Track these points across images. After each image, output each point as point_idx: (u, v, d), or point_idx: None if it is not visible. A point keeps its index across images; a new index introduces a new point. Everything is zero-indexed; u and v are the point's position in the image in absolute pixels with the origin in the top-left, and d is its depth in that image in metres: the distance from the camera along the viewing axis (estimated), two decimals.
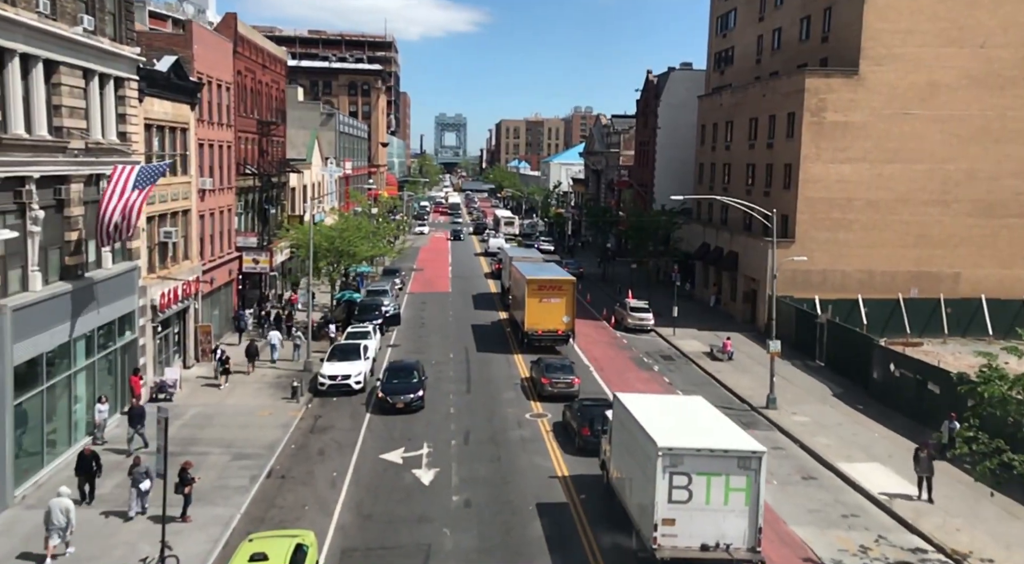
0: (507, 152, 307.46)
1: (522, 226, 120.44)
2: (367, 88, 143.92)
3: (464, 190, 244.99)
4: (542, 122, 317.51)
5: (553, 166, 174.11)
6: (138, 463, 21.22)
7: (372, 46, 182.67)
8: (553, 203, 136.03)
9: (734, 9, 68.47)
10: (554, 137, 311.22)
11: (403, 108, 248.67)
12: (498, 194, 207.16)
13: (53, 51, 22.86)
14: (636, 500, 18.55)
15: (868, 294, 47.34)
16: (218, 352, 34.71)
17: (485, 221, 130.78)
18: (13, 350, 20.73)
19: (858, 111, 46.64)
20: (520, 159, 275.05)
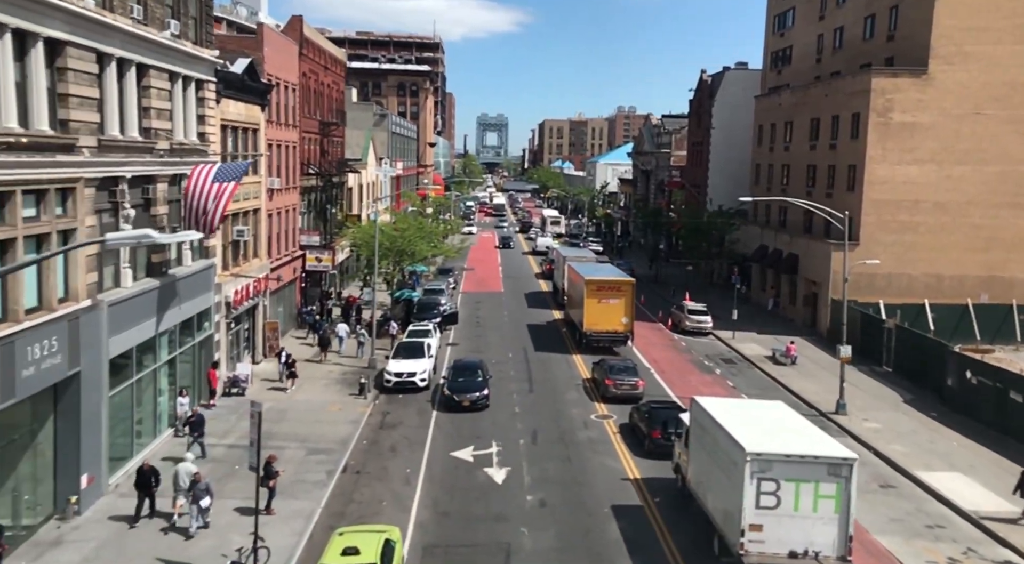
0: (550, 152, 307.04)
1: (568, 226, 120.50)
2: (415, 89, 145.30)
3: (506, 190, 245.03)
4: (585, 122, 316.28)
5: (599, 166, 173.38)
6: (199, 480, 20.28)
7: (419, 47, 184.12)
8: (599, 203, 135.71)
9: (792, 8, 67.46)
10: (597, 137, 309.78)
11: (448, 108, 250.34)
12: (542, 194, 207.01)
13: (144, 55, 23.57)
14: (720, 505, 18.46)
15: (935, 299, 46.28)
16: (283, 355, 34.37)
17: (531, 220, 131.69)
18: (109, 344, 21.42)
19: (927, 111, 45.59)
20: (563, 159, 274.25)
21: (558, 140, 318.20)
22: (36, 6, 17.77)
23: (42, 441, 19.91)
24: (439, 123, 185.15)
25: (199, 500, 20.14)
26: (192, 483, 20.29)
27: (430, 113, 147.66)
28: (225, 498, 22.35)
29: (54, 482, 20.34)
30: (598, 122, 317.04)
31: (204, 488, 20.30)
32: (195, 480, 20.31)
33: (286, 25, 45.20)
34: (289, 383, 33.45)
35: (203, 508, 20.24)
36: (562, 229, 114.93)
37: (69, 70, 19.42)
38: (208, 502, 20.30)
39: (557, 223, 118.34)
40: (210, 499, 20.34)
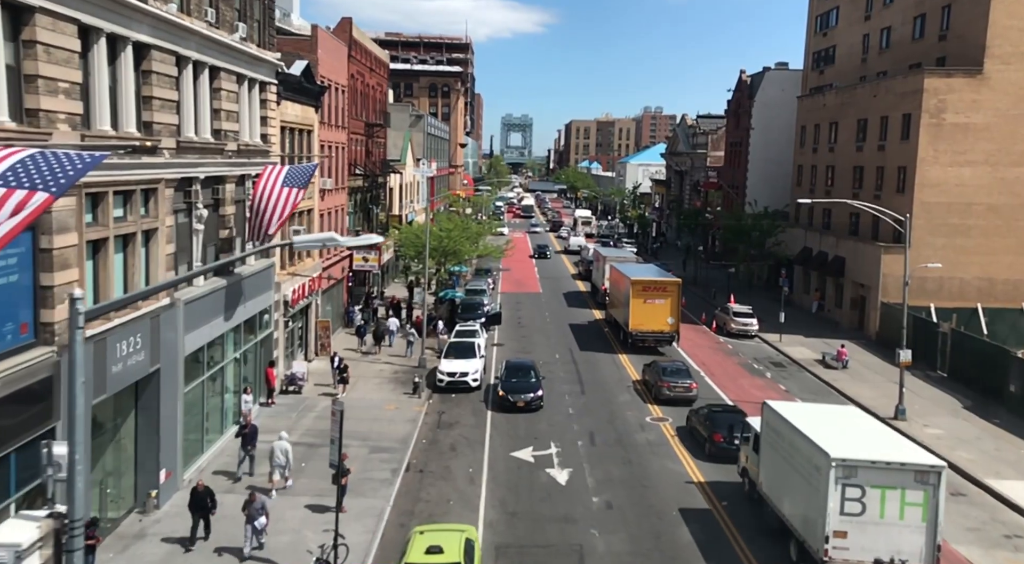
0: (576, 152, 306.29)
1: (599, 227, 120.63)
2: (447, 90, 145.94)
3: (532, 190, 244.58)
4: (613, 122, 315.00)
5: (630, 167, 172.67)
6: (253, 499, 19.19)
7: (449, 48, 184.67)
8: (628, 204, 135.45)
9: (836, 8, 66.78)
10: (624, 137, 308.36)
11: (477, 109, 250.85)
12: (568, 195, 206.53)
13: (216, 58, 23.92)
14: (799, 511, 18.34)
15: (988, 303, 45.61)
16: (335, 359, 33.56)
17: (561, 220, 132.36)
18: (184, 341, 21.78)
19: (981, 112, 44.92)
20: (590, 160, 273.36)
21: (585, 140, 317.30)
22: (126, 11, 18.11)
23: (124, 436, 20.31)
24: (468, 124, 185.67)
25: (254, 519, 19.06)
26: (247, 502, 19.20)
27: (461, 114, 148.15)
28: (296, 495, 22.68)
29: (135, 476, 20.74)
30: (625, 122, 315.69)
31: (260, 507, 19.17)
32: (251, 499, 19.20)
33: (336, 27, 45.61)
34: (340, 388, 32.48)
35: (258, 529, 19.16)
36: (593, 229, 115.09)
37: (153, 73, 19.78)
38: (264, 522, 19.23)
39: (588, 223, 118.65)
40: (266, 519, 19.29)
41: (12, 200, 10.39)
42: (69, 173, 10.83)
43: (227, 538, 19.68)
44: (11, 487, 14.75)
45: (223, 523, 20.10)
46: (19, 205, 10.38)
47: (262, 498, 19.42)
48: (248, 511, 19.18)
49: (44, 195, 10.50)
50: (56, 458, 11.68)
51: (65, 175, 10.78)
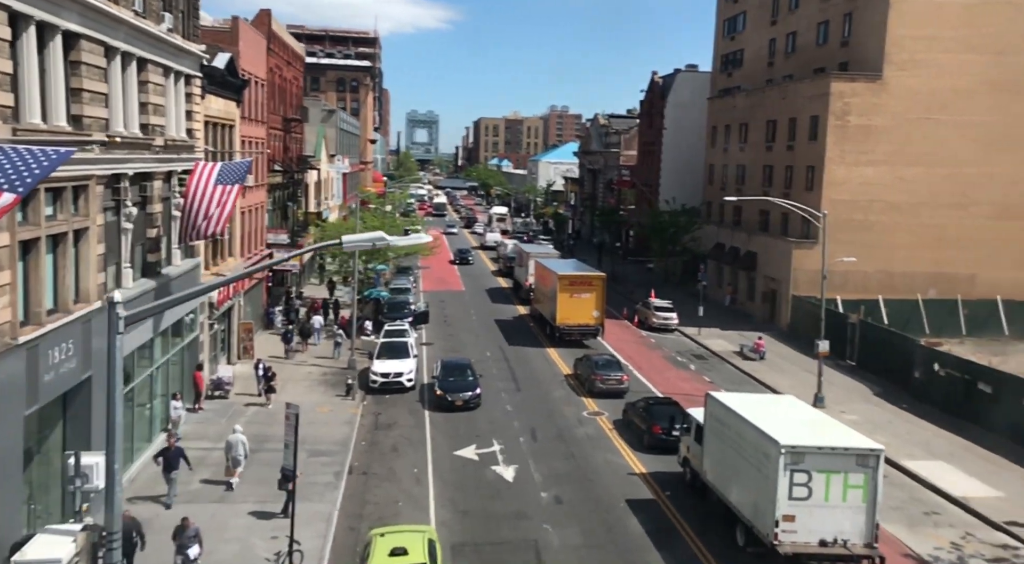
0: (486, 150, 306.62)
1: (515, 224, 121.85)
2: (355, 85, 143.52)
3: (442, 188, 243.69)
4: (521, 121, 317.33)
5: (541, 165, 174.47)
6: (187, 527, 17.76)
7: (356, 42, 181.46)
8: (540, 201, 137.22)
9: (743, 12, 69.37)
10: (533, 136, 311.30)
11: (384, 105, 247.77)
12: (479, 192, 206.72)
13: (144, 49, 22.82)
14: (748, 497, 19.07)
15: (888, 294, 48.42)
16: (260, 366, 31.93)
17: (475, 217, 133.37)
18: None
19: (881, 115, 47.66)
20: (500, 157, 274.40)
21: (494, 138, 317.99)
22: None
23: (51, 448, 19.14)
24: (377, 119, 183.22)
25: (186, 549, 17.56)
26: (178, 529, 17.77)
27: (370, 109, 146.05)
28: (238, 502, 21.98)
29: (62, 490, 19.56)
30: (533, 121, 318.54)
31: (193, 535, 17.73)
32: (183, 526, 17.78)
33: (254, 19, 44.21)
34: (267, 397, 30.75)
35: (191, 558, 17.65)
36: (508, 226, 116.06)
37: (82, 64, 18.72)
38: (197, 552, 17.72)
39: (503, 220, 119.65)
40: (199, 548, 17.77)
41: None
42: (35, 172, 10.18)
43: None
44: None
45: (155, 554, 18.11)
46: None
47: (195, 527, 17.93)
48: (180, 540, 17.69)
49: (11, 195, 9.84)
50: (84, 469, 11.40)
51: (31, 173, 10.14)
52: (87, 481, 11.31)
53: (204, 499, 21.95)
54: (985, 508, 22.87)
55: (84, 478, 11.40)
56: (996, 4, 47.43)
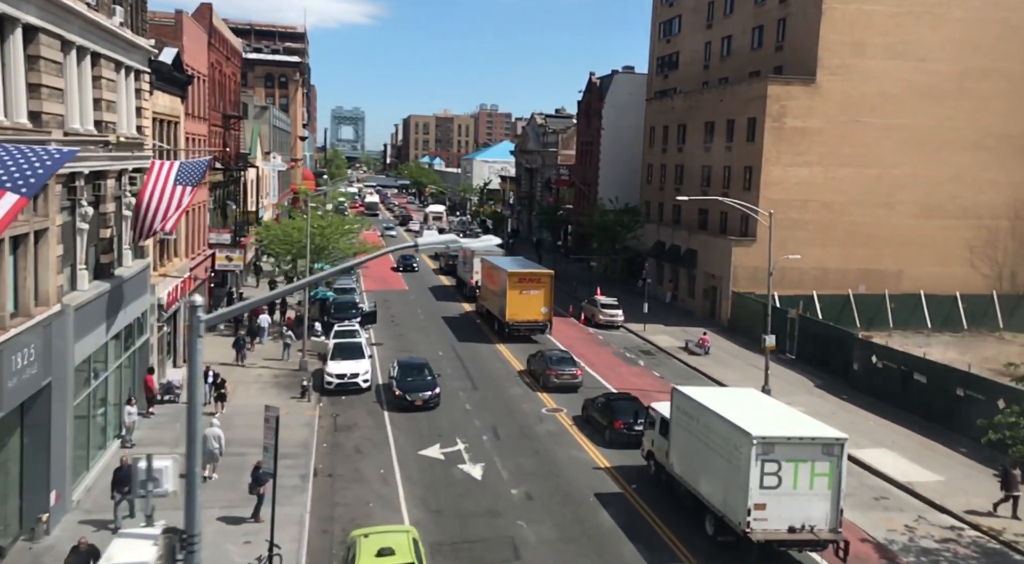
0: (416, 148, 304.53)
1: (451, 222, 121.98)
2: (284, 80, 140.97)
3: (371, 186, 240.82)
4: (452, 119, 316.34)
5: (476, 163, 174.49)
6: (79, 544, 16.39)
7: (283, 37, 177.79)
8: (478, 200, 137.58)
9: (678, 16, 71.05)
10: (464, 134, 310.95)
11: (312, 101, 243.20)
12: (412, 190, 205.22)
13: (97, 43, 22.08)
14: (718, 488, 19.70)
15: (821, 290, 50.40)
16: (209, 373, 30.08)
17: (410, 215, 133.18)
18: (74, 350, 20.02)
19: (815, 117, 49.59)
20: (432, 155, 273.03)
21: (424, 136, 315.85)
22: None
23: (8, 458, 18.37)
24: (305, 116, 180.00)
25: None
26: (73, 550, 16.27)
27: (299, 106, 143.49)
28: (205, 508, 21.28)
29: (20, 500, 18.82)
30: (464, 119, 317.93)
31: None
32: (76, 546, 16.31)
33: (195, 13, 42.98)
34: (218, 407, 29.55)
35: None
36: (444, 224, 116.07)
37: (41, 59, 18.00)
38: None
39: (439, 218, 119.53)
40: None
41: None
42: (39, 172, 9.83)
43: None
44: None
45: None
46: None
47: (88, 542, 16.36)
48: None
49: (15, 196, 9.48)
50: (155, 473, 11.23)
51: (35, 174, 9.78)
52: (157, 485, 11.41)
53: (169, 506, 21.30)
54: (929, 492, 24.21)
55: (155, 482, 11.47)
56: (919, 14, 49.89)
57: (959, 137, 50.96)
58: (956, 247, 52.22)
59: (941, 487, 24.67)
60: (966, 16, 50.26)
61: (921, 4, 49.77)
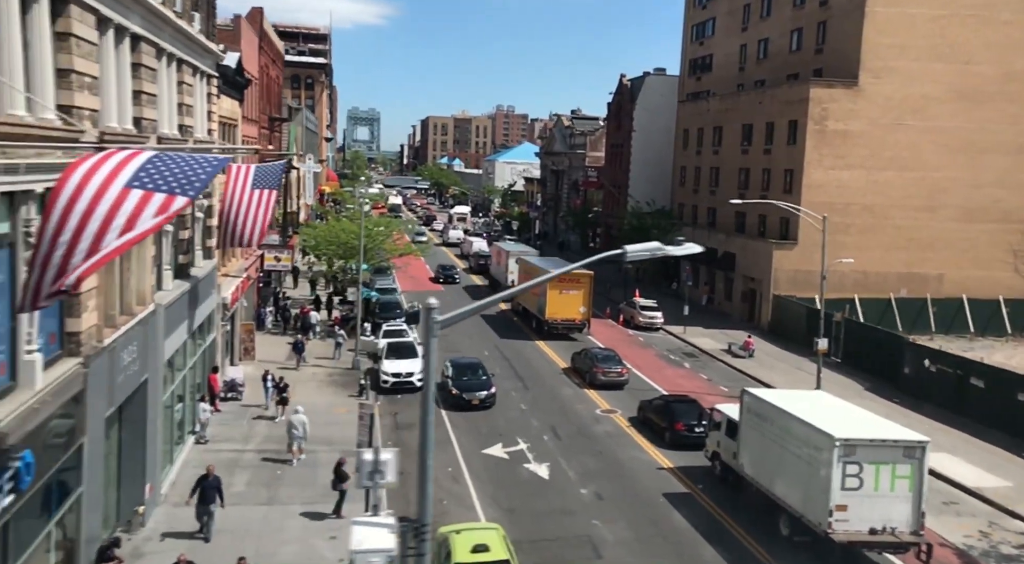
0: (434, 149, 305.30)
1: (475, 223, 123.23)
2: (310, 82, 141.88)
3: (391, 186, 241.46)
4: (470, 120, 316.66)
5: (498, 165, 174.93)
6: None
7: (307, 38, 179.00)
8: (501, 201, 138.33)
9: (712, 19, 71.12)
10: (482, 135, 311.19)
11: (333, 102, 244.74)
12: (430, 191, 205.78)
13: (181, 49, 22.66)
14: (797, 489, 19.96)
15: (862, 294, 50.40)
16: (269, 377, 30.40)
17: (433, 215, 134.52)
18: (164, 347, 20.61)
19: (857, 120, 49.60)
20: (450, 156, 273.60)
21: (443, 137, 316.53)
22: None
23: (109, 451, 18.92)
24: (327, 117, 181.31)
25: None
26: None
27: (324, 107, 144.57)
28: (285, 504, 21.99)
29: (118, 492, 19.39)
30: (482, 120, 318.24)
31: None
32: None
33: (247, 17, 43.66)
34: (279, 410, 29.00)
35: None
36: (469, 225, 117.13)
37: (142, 66, 18.57)
38: None
39: (464, 219, 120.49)
40: None
41: (154, 202, 9.82)
42: (201, 177, 10.33)
43: None
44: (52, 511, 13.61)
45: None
46: (161, 208, 9.83)
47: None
48: None
49: (183, 199, 9.99)
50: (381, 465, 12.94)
51: (198, 178, 10.27)
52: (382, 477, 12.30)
53: (251, 501, 21.92)
54: (999, 498, 24.33)
55: (380, 474, 12.30)
56: (963, 16, 49.80)
57: (1002, 140, 50.80)
58: (998, 251, 52.01)
59: (1011, 493, 24.77)
60: (1012, 19, 50.12)
61: (966, 7, 49.65)
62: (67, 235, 9.78)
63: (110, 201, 9.89)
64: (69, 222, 9.77)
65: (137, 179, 10.02)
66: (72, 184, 9.85)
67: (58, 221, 9.75)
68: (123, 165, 10.22)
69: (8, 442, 11.14)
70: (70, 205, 9.77)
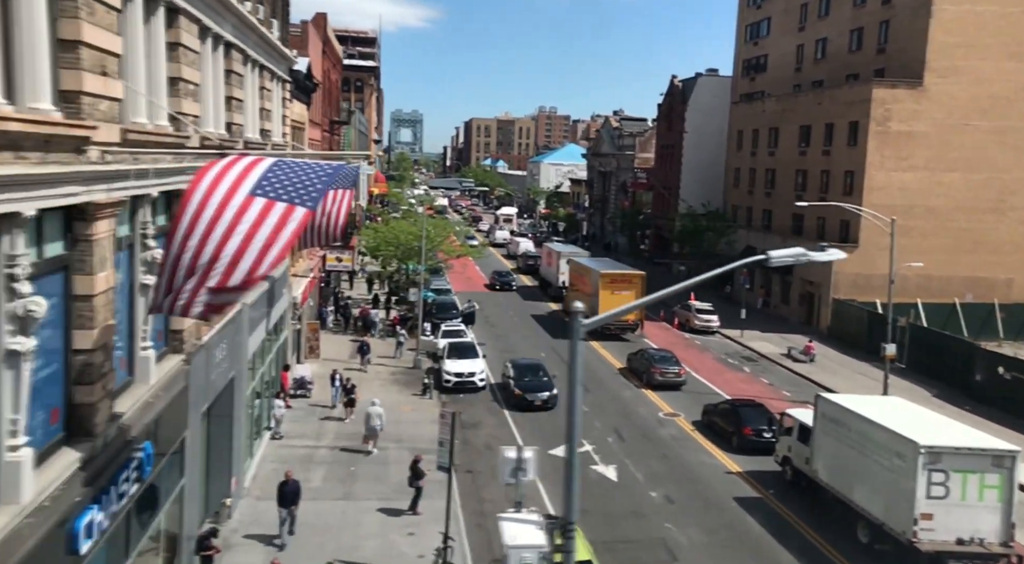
0: (477, 150, 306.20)
1: (520, 224, 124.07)
2: (360, 85, 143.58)
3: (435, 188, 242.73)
4: (513, 121, 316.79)
5: (543, 166, 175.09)
6: None
7: (355, 41, 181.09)
8: (546, 202, 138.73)
9: (767, 18, 70.29)
10: (525, 136, 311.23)
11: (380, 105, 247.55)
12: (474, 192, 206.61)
13: (262, 55, 23.24)
14: (878, 497, 19.71)
15: (925, 298, 49.32)
16: (338, 377, 30.80)
17: (479, 216, 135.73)
18: (248, 345, 21.18)
19: (921, 121, 48.61)
20: (494, 157, 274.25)
21: (486, 138, 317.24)
22: (219, 7, 17.48)
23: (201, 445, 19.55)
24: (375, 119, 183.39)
25: None
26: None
27: (373, 110, 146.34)
28: (360, 500, 22.42)
29: (206, 485, 19.97)
30: (525, 122, 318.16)
31: None
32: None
33: (311, 22, 44.56)
34: (347, 412, 29.31)
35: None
36: (515, 226, 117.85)
37: (232, 72, 19.14)
38: None
39: (510, 220, 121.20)
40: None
41: (275, 212, 10.15)
42: (317, 186, 10.62)
43: None
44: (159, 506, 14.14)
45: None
46: (282, 219, 10.15)
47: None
48: None
49: (303, 210, 10.29)
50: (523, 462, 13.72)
51: (314, 187, 10.58)
52: (524, 474, 12.92)
53: (328, 496, 22.39)
54: None
55: (522, 472, 12.93)
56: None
57: None
58: None
59: None
60: None
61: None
62: (195, 240, 10.16)
63: (235, 208, 10.24)
64: (198, 227, 10.16)
65: (260, 187, 10.36)
66: (202, 189, 10.24)
67: (188, 225, 10.14)
68: (247, 172, 10.58)
69: (132, 434, 11.64)
70: (199, 211, 10.16)
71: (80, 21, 9.61)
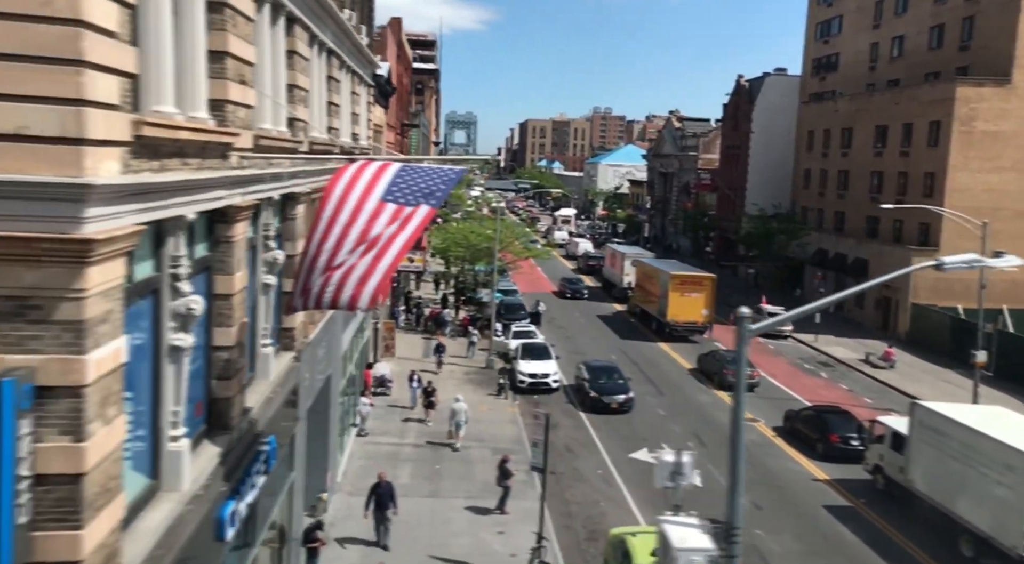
0: (532, 152, 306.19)
1: (579, 226, 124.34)
2: (420, 87, 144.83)
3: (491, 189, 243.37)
4: (568, 122, 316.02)
5: (601, 167, 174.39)
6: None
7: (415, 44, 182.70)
8: (605, 204, 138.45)
9: (839, 16, 68.75)
10: (580, 137, 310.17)
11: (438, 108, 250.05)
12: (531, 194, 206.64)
13: (352, 61, 23.70)
14: (985, 510, 19.11)
15: (1012, 304, 47.58)
16: (416, 378, 30.76)
17: (537, 217, 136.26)
18: (342, 343, 21.65)
19: (1009, 120, 46.97)
20: (549, 159, 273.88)
21: (541, 140, 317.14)
22: (324, 15, 17.91)
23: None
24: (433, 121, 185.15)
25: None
26: None
27: (433, 112, 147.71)
28: (447, 498, 22.69)
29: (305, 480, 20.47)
30: (580, 123, 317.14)
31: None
32: None
33: (387, 26, 45.28)
34: (427, 413, 29.11)
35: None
36: (573, 227, 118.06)
37: (331, 78, 19.59)
38: None
39: (568, 222, 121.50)
40: None
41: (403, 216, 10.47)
42: (442, 187, 10.90)
43: None
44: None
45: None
46: (408, 217, 10.46)
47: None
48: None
49: (427, 207, 10.58)
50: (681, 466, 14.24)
51: (440, 189, 10.85)
52: (683, 478, 13.28)
53: (417, 493, 22.72)
54: None
55: (681, 476, 13.30)
56: None
57: None
58: None
59: None
60: None
61: None
62: (331, 242, 10.51)
63: (368, 213, 10.56)
64: (333, 230, 10.50)
65: (390, 193, 10.66)
66: (336, 194, 10.57)
67: (324, 228, 10.49)
68: (377, 177, 10.88)
69: (259, 428, 12.04)
70: (334, 215, 10.50)
71: (227, 33, 10.01)
